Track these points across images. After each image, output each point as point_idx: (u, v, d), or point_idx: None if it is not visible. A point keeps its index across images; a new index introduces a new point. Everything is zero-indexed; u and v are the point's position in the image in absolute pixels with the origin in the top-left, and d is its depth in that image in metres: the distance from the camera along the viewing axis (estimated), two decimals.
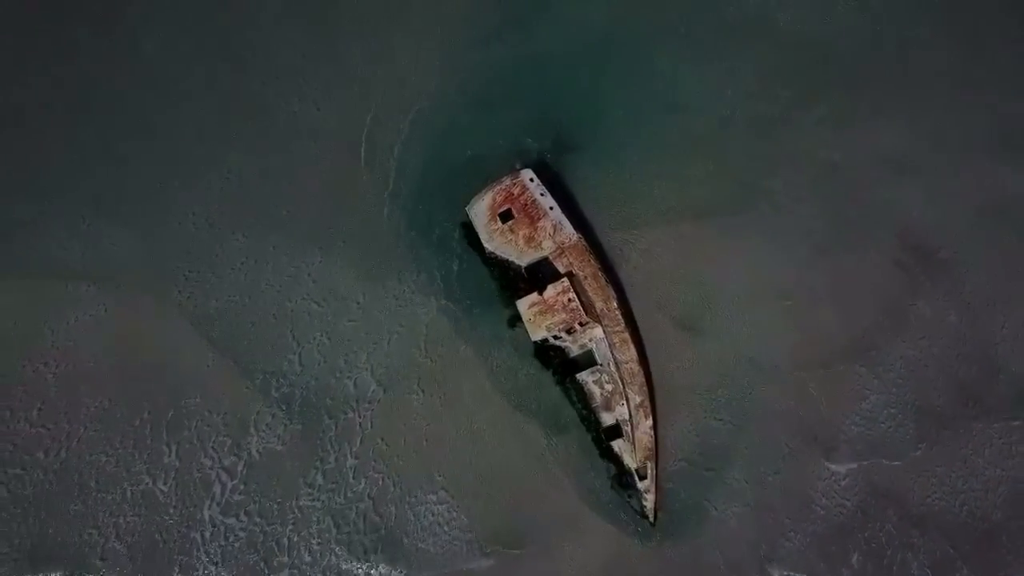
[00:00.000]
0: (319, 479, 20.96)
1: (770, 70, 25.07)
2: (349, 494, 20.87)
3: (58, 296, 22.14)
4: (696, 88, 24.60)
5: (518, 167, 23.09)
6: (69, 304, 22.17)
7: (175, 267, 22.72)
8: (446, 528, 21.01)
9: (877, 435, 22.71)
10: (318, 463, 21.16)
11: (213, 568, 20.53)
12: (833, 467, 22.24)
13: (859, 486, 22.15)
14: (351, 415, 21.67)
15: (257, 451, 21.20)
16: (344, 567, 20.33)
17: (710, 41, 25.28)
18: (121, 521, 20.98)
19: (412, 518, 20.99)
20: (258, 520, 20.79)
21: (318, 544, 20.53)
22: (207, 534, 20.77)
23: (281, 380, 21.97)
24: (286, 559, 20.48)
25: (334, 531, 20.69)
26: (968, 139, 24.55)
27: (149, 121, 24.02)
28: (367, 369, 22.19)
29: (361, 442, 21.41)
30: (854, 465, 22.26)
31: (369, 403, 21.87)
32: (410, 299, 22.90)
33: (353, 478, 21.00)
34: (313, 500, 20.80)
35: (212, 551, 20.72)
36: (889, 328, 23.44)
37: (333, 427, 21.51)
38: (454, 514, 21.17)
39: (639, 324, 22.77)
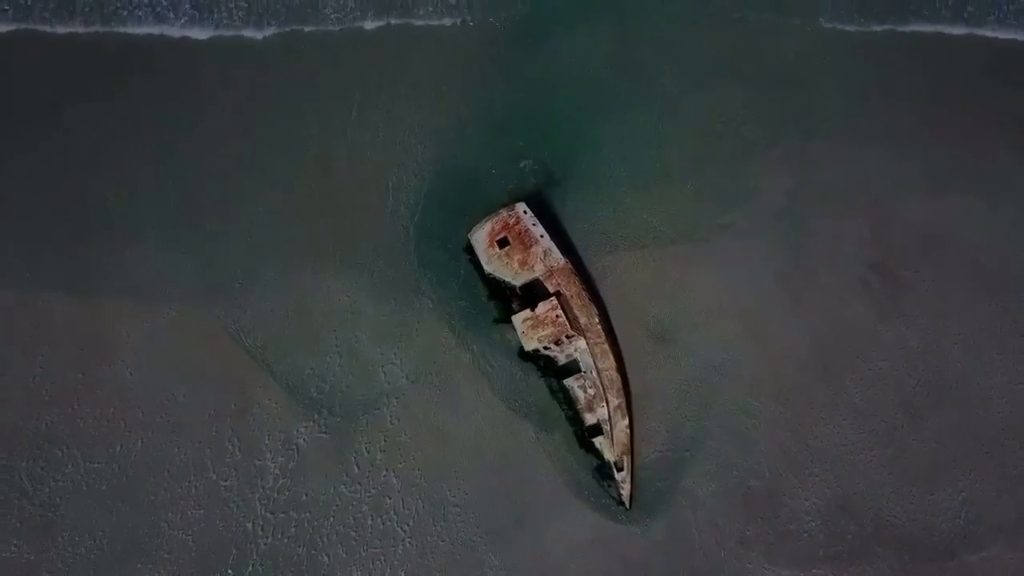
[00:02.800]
0: (355, 469, 24.64)
1: (739, 114, 28.03)
2: (380, 484, 24.68)
3: (129, 309, 25.77)
4: (668, 131, 27.66)
5: (513, 201, 26.40)
6: (137, 316, 25.72)
7: (229, 286, 26.22)
8: (457, 511, 24.66)
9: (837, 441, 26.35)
10: (354, 455, 24.76)
11: (262, 559, 24.14)
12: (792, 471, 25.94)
13: (821, 496, 25.69)
14: (381, 410, 25.28)
15: (304, 442, 24.86)
16: (378, 546, 24.21)
17: (687, 87, 28.25)
18: (189, 514, 24.42)
19: (430, 506, 24.71)
20: (307, 514, 24.42)
21: (356, 533, 24.30)
22: (260, 525, 24.34)
23: (321, 381, 25.44)
24: (330, 548, 24.23)
25: (369, 520, 24.40)
26: (906, 178, 27.91)
27: (207, 167, 27.55)
28: (390, 371, 25.61)
29: (385, 438, 25.04)
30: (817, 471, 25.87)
31: (396, 399, 25.40)
32: (421, 314, 26.18)
33: (387, 470, 24.83)
34: (352, 490, 24.51)
35: (263, 543, 24.24)
36: (843, 343, 26.81)
37: (365, 422, 25.14)
38: (462, 500, 24.76)
39: (618, 336, 26.01)
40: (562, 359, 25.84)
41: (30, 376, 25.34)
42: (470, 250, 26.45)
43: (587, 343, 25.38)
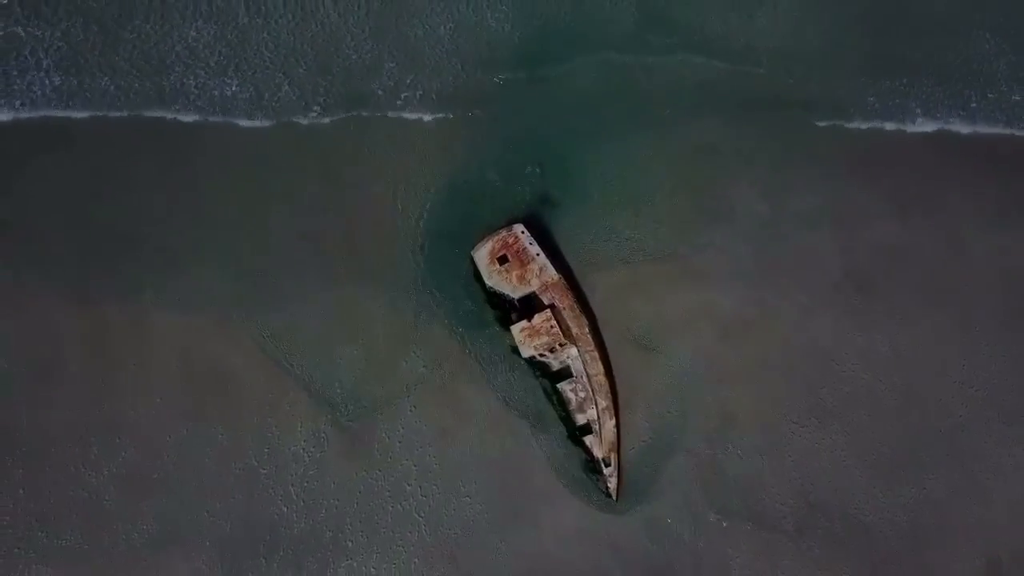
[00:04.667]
0: (376, 455, 27.63)
1: (716, 145, 30.68)
2: (399, 470, 27.74)
3: (173, 317, 28.50)
4: (652, 158, 30.35)
5: (512, 222, 29.04)
6: (178, 322, 28.41)
7: (259, 298, 28.95)
8: (468, 500, 27.57)
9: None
10: (376, 444, 27.78)
11: (293, 544, 26.98)
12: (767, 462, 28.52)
13: (793, 491, 28.31)
14: (396, 407, 28.15)
15: (329, 433, 27.82)
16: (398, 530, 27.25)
17: (669, 119, 30.92)
18: (229, 500, 27.25)
19: (440, 492, 27.59)
20: (335, 501, 27.28)
21: (378, 517, 27.23)
22: (294, 510, 27.21)
23: (342, 381, 28.28)
24: (354, 534, 27.07)
25: (390, 507, 27.32)
26: (872, 202, 30.72)
27: (243, 205, 30.09)
28: (403, 373, 28.38)
29: (402, 432, 27.96)
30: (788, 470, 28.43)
31: (409, 398, 28.20)
32: (431, 323, 28.83)
33: (405, 459, 27.86)
34: (373, 477, 27.44)
35: (296, 528, 27.06)
36: (814, 349, 29.41)
37: (382, 416, 28.01)
38: (472, 490, 27.61)
39: (606, 345, 28.76)
40: (556, 365, 28.57)
41: (89, 372, 28.10)
42: (473, 266, 29.29)
43: (578, 351, 28.12)
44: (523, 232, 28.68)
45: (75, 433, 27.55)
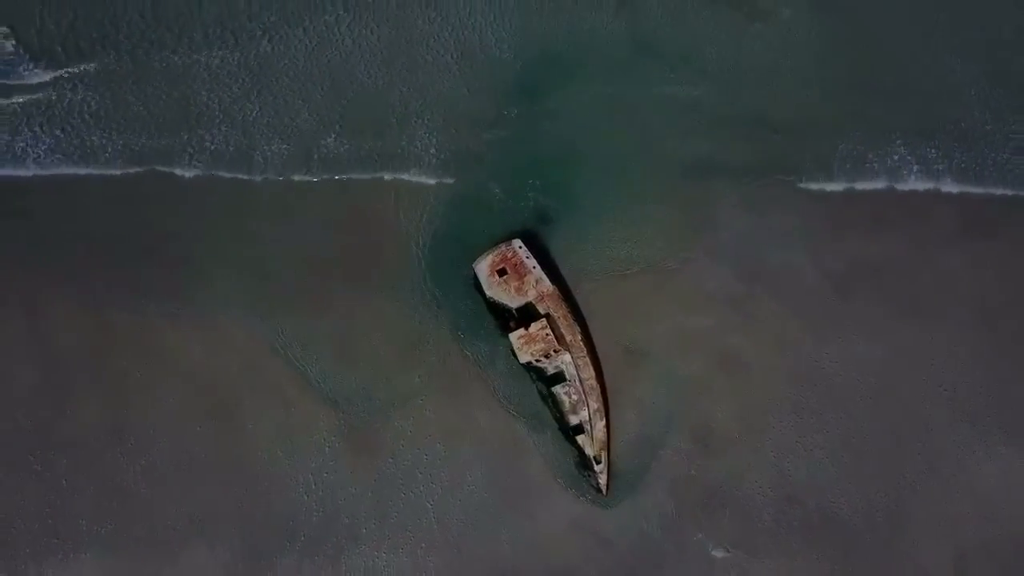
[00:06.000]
0: (387, 449, 30.08)
1: (699, 168, 32.62)
2: (409, 463, 30.25)
3: (206, 328, 30.85)
4: (640, 181, 32.36)
5: (510, 238, 31.05)
6: (209, 334, 30.72)
7: (279, 310, 31.15)
8: (471, 491, 30.00)
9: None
10: (387, 440, 30.08)
11: (312, 531, 29.46)
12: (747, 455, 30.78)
13: (772, 485, 30.51)
14: (406, 407, 30.52)
15: (345, 427, 30.26)
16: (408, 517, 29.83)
17: (653, 147, 32.81)
18: (254, 491, 29.70)
19: (446, 484, 30.06)
20: (352, 490, 29.78)
21: (391, 504, 29.85)
22: (315, 499, 29.66)
23: (358, 382, 30.50)
24: (368, 521, 29.62)
25: (401, 495, 29.82)
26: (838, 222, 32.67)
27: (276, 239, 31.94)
28: (411, 376, 30.67)
29: (411, 430, 30.38)
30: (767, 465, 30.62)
31: (419, 399, 30.57)
32: (437, 331, 30.99)
33: (414, 454, 30.32)
34: (384, 468, 29.95)
35: (314, 516, 29.48)
36: (791, 354, 31.51)
37: (393, 415, 30.36)
38: (476, 482, 30.07)
39: (597, 351, 31.00)
40: (550, 370, 30.80)
41: (124, 374, 30.53)
42: (474, 279, 31.44)
43: (572, 357, 30.36)
44: (520, 247, 30.88)
45: (112, 430, 30.08)
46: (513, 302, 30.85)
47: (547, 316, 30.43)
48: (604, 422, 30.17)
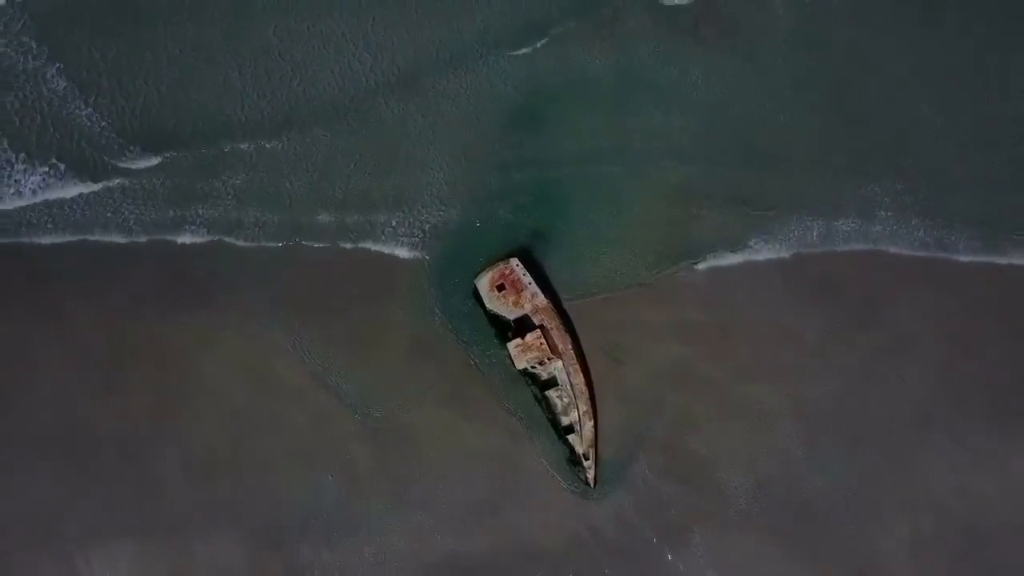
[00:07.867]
0: (398, 445, 32.87)
1: (684, 188, 35.38)
2: (417, 457, 32.91)
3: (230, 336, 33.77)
4: (627, 203, 34.92)
5: (508, 256, 33.61)
6: (229, 338, 33.66)
7: (301, 322, 33.92)
8: (472, 484, 32.71)
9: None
10: (397, 437, 32.92)
11: (322, 522, 32.17)
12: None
13: (743, 471, 33.43)
14: (413, 409, 33.12)
15: (359, 426, 33.03)
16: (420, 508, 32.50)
17: (641, 170, 35.50)
18: (274, 484, 32.49)
19: (450, 477, 32.92)
20: (365, 483, 32.41)
21: (401, 494, 32.54)
22: (326, 492, 32.34)
23: (367, 384, 33.20)
24: (379, 512, 32.37)
25: (408, 487, 32.54)
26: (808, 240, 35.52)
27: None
28: (416, 379, 33.40)
29: (418, 424, 33.15)
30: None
31: (425, 400, 33.25)
32: (441, 339, 33.65)
33: (421, 449, 33.06)
34: (394, 462, 32.80)
35: (324, 506, 32.18)
36: (766, 360, 34.39)
37: (403, 414, 33.15)
38: (472, 476, 32.89)
39: (587, 358, 33.66)
40: (544, 375, 33.47)
41: (162, 375, 33.25)
42: (475, 293, 34.27)
43: (563, 364, 33.09)
44: (517, 265, 33.65)
45: (149, 426, 32.84)
46: (511, 314, 33.42)
47: (541, 327, 33.00)
48: (592, 422, 32.95)
